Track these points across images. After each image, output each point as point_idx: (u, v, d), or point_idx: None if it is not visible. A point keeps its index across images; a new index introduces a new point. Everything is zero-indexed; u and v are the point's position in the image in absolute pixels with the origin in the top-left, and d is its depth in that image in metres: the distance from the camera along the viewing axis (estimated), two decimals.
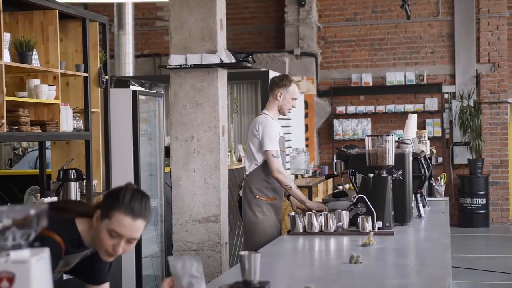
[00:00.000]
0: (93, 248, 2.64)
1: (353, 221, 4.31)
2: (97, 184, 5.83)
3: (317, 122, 12.71)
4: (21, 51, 4.82)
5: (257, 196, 5.13)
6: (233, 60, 5.86)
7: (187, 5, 5.75)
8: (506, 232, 11.84)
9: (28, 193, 5.80)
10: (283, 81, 5.27)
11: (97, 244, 2.54)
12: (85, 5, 12.74)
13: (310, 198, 8.84)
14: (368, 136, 4.44)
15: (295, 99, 5.28)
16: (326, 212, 4.28)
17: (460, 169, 12.40)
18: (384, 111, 12.51)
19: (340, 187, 12.26)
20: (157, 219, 6.93)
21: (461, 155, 12.32)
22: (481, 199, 11.96)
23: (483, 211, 12.00)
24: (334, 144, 12.52)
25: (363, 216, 4.20)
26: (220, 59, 5.82)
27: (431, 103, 12.37)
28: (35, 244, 1.80)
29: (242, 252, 2.70)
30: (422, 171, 4.99)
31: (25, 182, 6.14)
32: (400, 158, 4.51)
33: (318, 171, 11.03)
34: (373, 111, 12.56)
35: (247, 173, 5.25)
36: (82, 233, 2.57)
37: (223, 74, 6.04)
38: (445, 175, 6.72)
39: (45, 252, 1.79)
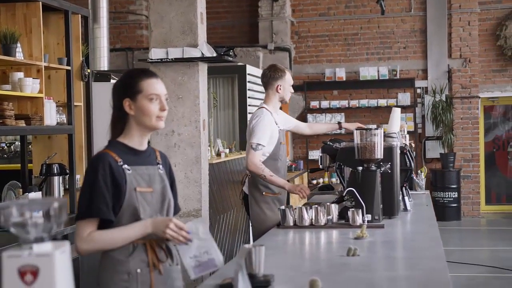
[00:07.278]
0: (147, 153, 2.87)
1: (341, 215, 4.32)
2: (80, 178, 5.76)
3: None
4: (5, 44, 4.74)
5: (264, 193, 5.08)
6: (214, 54, 5.83)
7: None
8: (477, 225, 12.00)
9: (6, 188, 5.70)
10: (278, 72, 5.26)
11: (146, 119, 2.80)
12: None
13: (287, 193, 8.80)
14: (357, 129, 4.44)
15: (292, 84, 5.40)
16: (316, 206, 4.28)
17: (432, 163, 12.53)
18: (357, 105, 12.56)
19: (314, 182, 12.34)
20: None
21: (433, 149, 12.44)
22: (453, 192, 12.10)
23: (455, 205, 12.15)
24: (308, 139, 12.56)
25: (353, 209, 4.21)
26: (202, 53, 5.79)
27: (404, 98, 12.46)
28: (57, 236, 1.77)
29: (246, 245, 2.70)
30: (408, 164, 5.02)
31: (5, 177, 6.04)
32: (388, 151, 4.52)
33: (293, 165, 11.06)
34: (347, 105, 12.60)
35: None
36: (125, 141, 2.83)
37: (203, 68, 6.01)
38: (426, 168, 6.78)
39: (67, 245, 1.77)
